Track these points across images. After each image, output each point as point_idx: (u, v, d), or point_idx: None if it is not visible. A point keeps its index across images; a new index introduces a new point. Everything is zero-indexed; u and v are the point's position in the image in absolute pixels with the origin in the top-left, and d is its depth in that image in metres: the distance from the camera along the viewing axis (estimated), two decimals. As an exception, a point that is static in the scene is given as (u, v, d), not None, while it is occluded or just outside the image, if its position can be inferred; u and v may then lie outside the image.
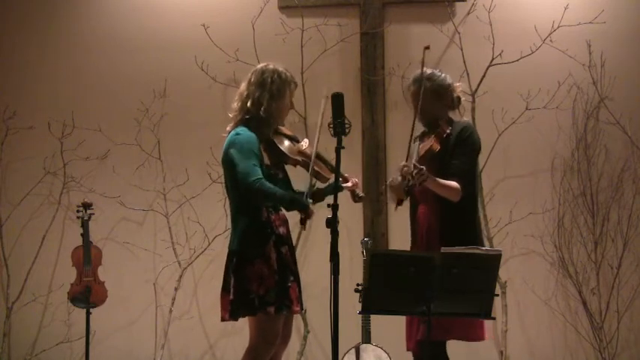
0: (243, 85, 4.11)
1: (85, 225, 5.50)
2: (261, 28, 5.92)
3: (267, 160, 4.03)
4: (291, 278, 4.02)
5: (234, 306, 3.94)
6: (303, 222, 3.97)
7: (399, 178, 4.06)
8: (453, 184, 3.98)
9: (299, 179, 4.22)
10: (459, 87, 4.23)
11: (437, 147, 4.03)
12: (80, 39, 6.16)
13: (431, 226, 4.08)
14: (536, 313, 5.88)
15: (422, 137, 4.17)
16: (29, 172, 6.06)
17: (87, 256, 5.46)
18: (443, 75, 4.18)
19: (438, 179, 3.92)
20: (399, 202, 4.12)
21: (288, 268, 4.01)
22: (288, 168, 4.24)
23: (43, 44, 6.17)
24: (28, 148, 6.08)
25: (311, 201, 3.97)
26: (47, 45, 6.17)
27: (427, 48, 4.08)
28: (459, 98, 4.20)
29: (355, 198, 4.13)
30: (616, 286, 5.81)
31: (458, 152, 4.04)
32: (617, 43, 5.89)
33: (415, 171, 3.77)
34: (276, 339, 3.97)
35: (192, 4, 6.11)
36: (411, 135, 4.10)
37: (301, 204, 3.93)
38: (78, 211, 5.56)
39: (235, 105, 4.10)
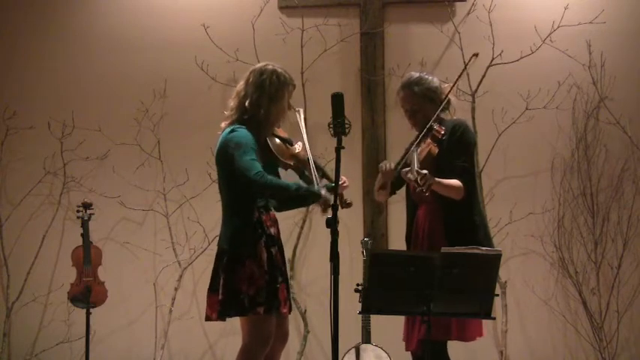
0: (240, 84, 4.09)
1: (85, 225, 5.50)
2: (261, 28, 5.92)
3: (260, 162, 4.01)
4: (280, 279, 3.99)
5: (223, 306, 3.92)
6: (324, 210, 3.90)
7: (392, 165, 4.09)
8: (456, 182, 3.99)
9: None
10: (448, 88, 4.24)
11: (435, 150, 4.05)
12: (80, 39, 6.16)
13: (433, 227, 4.08)
14: (536, 313, 5.88)
15: (418, 143, 4.17)
16: (29, 172, 6.06)
17: (87, 256, 5.46)
18: (431, 77, 4.21)
19: (442, 180, 3.93)
20: (383, 187, 4.14)
21: (277, 269, 3.99)
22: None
23: (43, 44, 6.17)
24: (28, 148, 6.08)
25: (324, 190, 3.93)
26: (47, 45, 6.17)
27: (476, 55, 4.17)
28: (448, 99, 4.21)
29: (342, 204, 4.09)
30: (616, 286, 5.81)
31: (455, 151, 4.05)
32: (617, 43, 5.90)
33: (420, 177, 3.77)
34: (270, 339, 3.96)
35: (192, 4, 6.11)
36: (411, 144, 4.09)
37: (315, 194, 3.90)
38: (78, 211, 5.56)
39: (232, 104, 4.08)
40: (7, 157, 6.09)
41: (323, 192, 3.91)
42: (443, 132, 4.07)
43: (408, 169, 3.92)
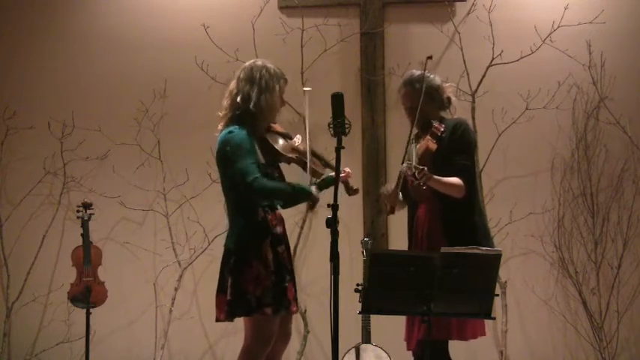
0: (232, 83, 4.09)
1: (85, 225, 5.50)
2: (261, 28, 5.92)
3: (261, 159, 4.01)
4: (288, 278, 3.99)
5: (231, 307, 3.92)
6: (312, 207, 3.99)
7: (392, 187, 4.09)
8: (456, 180, 4.00)
9: (292, 177, 4.19)
10: (449, 87, 4.25)
11: (434, 146, 4.05)
12: (80, 39, 6.16)
13: (433, 226, 4.08)
14: (536, 313, 5.88)
15: (417, 139, 4.18)
16: (29, 172, 6.06)
17: (87, 256, 5.46)
18: (432, 76, 4.21)
19: (440, 178, 3.94)
20: (392, 211, 4.15)
21: (284, 268, 3.99)
22: (283, 166, 4.23)
23: (43, 44, 6.17)
24: (28, 148, 6.08)
25: (314, 188, 3.96)
26: (47, 45, 6.17)
27: (430, 58, 4.13)
28: (449, 98, 4.23)
29: (349, 191, 4.10)
30: (616, 286, 5.81)
31: (456, 150, 4.06)
32: (617, 43, 5.90)
33: (417, 172, 3.79)
34: (272, 339, 3.96)
35: (192, 4, 6.11)
36: (409, 138, 4.11)
37: (306, 192, 3.94)
38: (78, 211, 5.56)
39: (225, 103, 4.07)
40: (7, 157, 6.09)
41: (313, 190, 3.95)
42: (442, 129, 4.08)
43: (406, 162, 3.93)
